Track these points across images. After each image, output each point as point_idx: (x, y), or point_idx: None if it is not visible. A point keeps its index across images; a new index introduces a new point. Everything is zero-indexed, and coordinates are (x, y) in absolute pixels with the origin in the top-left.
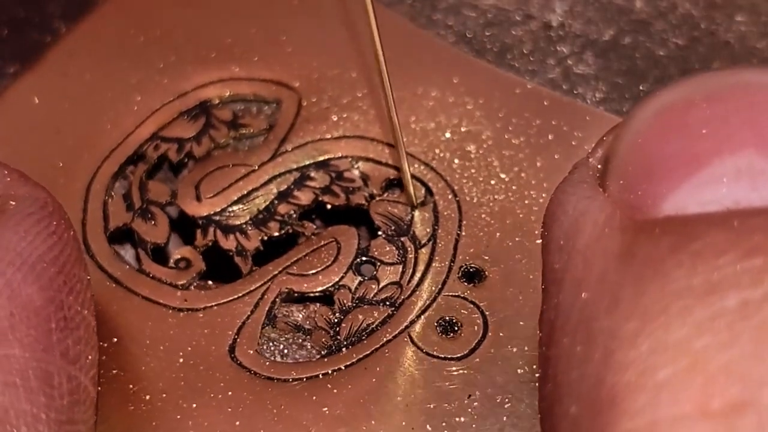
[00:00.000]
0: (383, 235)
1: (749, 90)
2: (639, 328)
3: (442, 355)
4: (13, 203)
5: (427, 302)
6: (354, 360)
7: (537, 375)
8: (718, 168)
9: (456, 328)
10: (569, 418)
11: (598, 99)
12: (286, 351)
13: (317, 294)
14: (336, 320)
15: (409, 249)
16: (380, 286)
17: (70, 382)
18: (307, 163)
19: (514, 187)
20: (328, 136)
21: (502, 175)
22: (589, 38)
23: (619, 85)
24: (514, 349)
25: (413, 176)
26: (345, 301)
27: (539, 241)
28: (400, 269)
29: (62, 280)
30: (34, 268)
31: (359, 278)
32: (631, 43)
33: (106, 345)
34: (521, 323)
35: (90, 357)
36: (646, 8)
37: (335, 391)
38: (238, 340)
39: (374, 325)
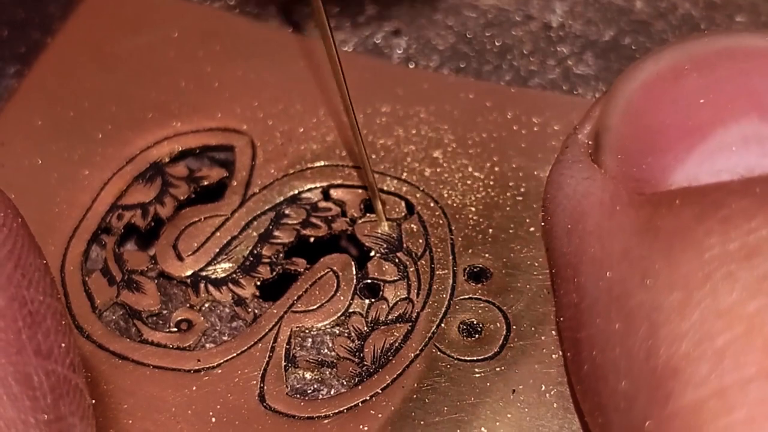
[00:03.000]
0: (378, 255)
1: (735, 55)
2: (684, 299)
3: (474, 358)
4: None
5: (443, 310)
6: (389, 381)
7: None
8: (724, 136)
9: (479, 329)
10: (620, 393)
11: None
12: (316, 387)
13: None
14: (357, 347)
15: (407, 263)
16: (391, 305)
17: (50, 378)
18: (279, 201)
19: (492, 183)
20: (292, 171)
21: (477, 173)
22: (589, 39)
23: None
24: (543, 337)
25: (390, 193)
26: (360, 327)
27: (532, 229)
28: (405, 284)
29: (20, 274)
30: None
31: (367, 301)
32: (631, 43)
33: (131, 421)
34: (539, 309)
35: (63, 344)
36: (646, 9)
37: (380, 415)
38: (265, 387)
39: (397, 344)
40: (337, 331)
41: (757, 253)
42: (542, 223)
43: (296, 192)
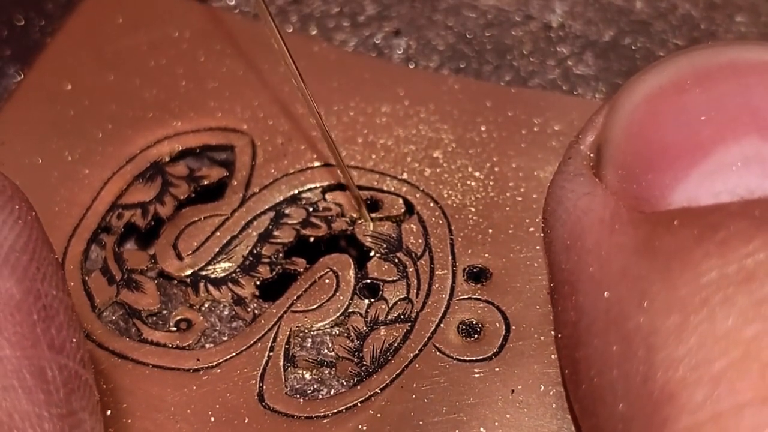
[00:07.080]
0: (378, 255)
1: (739, 70)
2: (682, 322)
3: (473, 358)
4: None
5: (442, 310)
6: (388, 381)
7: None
8: (724, 156)
9: (478, 329)
10: (617, 416)
11: (598, 100)
12: (315, 387)
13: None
14: (356, 347)
15: (407, 263)
16: (390, 305)
17: (62, 373)
18: (279, 200)
19: (491, 183)
20: (292, 171)
21: (477, 174)
22: (589, 39)
23: (619, 85)
24: (542, 337)
25: (390, 193)
26: (359, 327)
27: (532, 229)
28: (405, 284)
29: (35, 267)
30: (7, 260)
31: (367, 301)
32: (631, 43)
33: (130, 421)
34: (539, 309)
35: (75, 339)
36: (646, 9)
37: (379, 415)
38: (264, 387)
39: (396, 344)
40: (337, 331)
41: (755, 277)
42: (543, 235)
43: (296, 192)
